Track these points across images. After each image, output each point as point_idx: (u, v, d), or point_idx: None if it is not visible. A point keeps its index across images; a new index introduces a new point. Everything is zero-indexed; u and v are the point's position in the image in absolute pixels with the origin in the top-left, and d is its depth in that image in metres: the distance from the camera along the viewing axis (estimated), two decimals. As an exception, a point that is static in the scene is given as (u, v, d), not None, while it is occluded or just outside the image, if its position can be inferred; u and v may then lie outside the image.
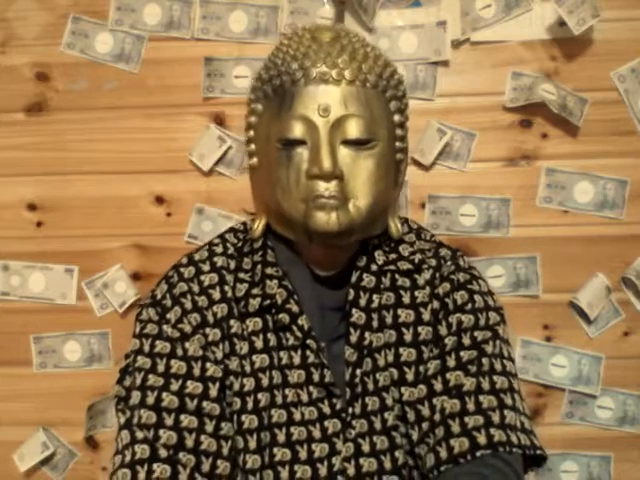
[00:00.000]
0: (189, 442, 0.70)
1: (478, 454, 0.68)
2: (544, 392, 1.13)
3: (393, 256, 0.81)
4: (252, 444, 0.75)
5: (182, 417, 0.71)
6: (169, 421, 0.70)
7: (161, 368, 0.74)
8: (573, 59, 1.08)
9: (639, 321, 1.11)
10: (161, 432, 0.70)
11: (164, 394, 0.72)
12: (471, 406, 0.71)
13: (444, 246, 0.85)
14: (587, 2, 1.01)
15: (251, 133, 0.78)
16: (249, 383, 0.76)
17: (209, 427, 0.72)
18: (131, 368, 0.76)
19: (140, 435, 0.70)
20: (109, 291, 1.13)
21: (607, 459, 1.13)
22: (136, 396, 0.73)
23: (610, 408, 1.12)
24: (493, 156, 1.10)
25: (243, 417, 0.75)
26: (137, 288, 1.13)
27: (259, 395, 0.76)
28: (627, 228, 1.10)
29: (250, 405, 0.75)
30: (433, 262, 0.81)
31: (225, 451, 0.72)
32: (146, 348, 0.75)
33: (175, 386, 0.72)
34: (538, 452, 0.71)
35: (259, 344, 0.77)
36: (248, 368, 0.76)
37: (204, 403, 0.72)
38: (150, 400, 0.72)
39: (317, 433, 0.75)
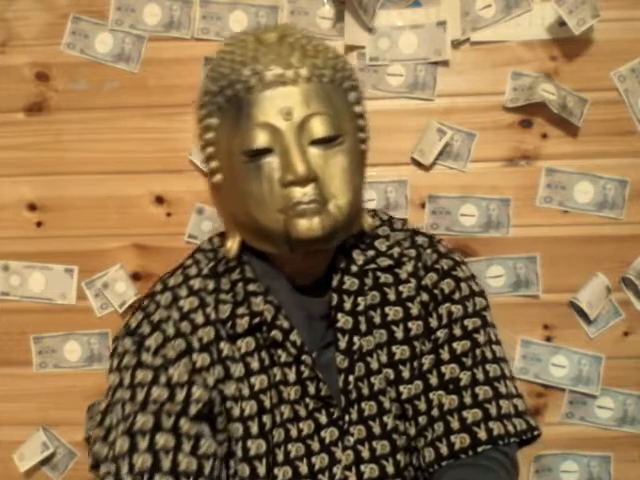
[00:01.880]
0: (166, 463, 0.66)
1: (480, 449, 0.69)
2: (544, 392, 1.13)
3: (371, 253, 0.78)
4: (261, 470, 0.72)
5: (157, 437, 0.67)
6: (143, 444, 0.66)
7: (141, 397, 0.69)
8: (573, 59, 1.08)
9: (639, 321, 1.12)
10: (135, 457, 0.66)
11: (139, 416, 0.68)
12: (468, 399, 0.72)
13: (419, 233, 0.83)
14: (587, 2, 1.01)
15: (210, 150, 0.73)
16: (249, 407, 0.73)
17: (187, 446, 0.68)
18: (109, 407, 0.71)
19: (104, 469, 0.67)
20: (109, 291, 1.13)
21: (607, 459, 1.13)
22: (114, 432, 0.69)
23: (610, 408, 1.12)
24: (493, 156, 1.10)
25: (249, 443, 0.72)
26: (137, 288, 1.13)
27: (264, 418, 0.73)
28: (627, 228, 1.10)
29: (255, 429, 0.72)
30: (412, 252, 0.79)
31: (206, 471, 0.68)
32: (126, 381, 0.71)
33: (153, 407, 0.68)
34: (535, 433, 0.73)
35: (255, 365, 0.74)
36: (247, 391, 0.73)
37: (182, 421, 0.68)
38: (124, 427, 0.68)
39: (316, 445, 0.73)
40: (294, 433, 0.73)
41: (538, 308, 1.12)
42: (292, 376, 0.74)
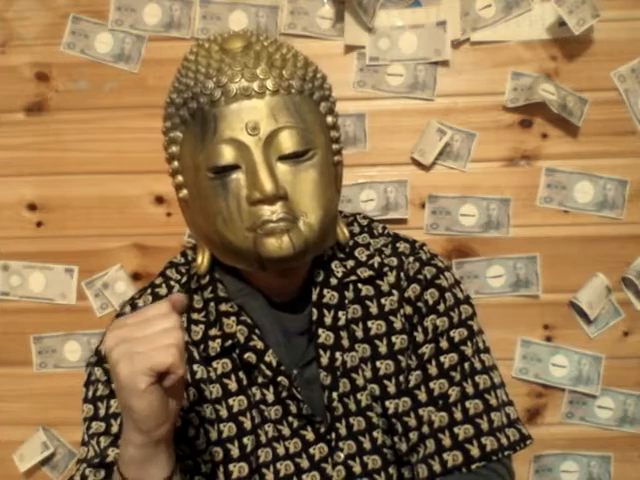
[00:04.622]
0: None
1: (473, 467, 0.68)
2: (544, 392, 1.13)
3: (351, 263, 0.76)
4: None
5: None
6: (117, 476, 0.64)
7: (115, 429, 0.69)
8: (573, 59, 1.08)
9: (639, 321, 1.12)
10: None
11: (109, 450, 0.68)
12: (459, 415, 0.70)
13: (400, 239, 0.80)
14: (587, 2, 1.01)
15: (175, 164, 0.71)
16: (227, 429, 0.72)
17: None
18: (86, 439, 0.71)
19: None
20: (109, 291, 1.13)
21: (607, 459, 1.13)
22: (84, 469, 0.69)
23: (610, 408, 1.12)
24: (493, 156, 1.10)
25: (231, 466, 0.71)
26: (137, 288, 1.13)
27: (244, 440, 0.71)
28: (627, 228, 1.10)
29: (236, 452, 0.71)
30: (394, 261, 0.77)
31: None
32: (101, 412, 0.71)
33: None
34: (528, 442, 0.72)
35: (233, 386, 0.72)
36: (224, 412, 0.72)
37: None
38: (96, 461, 0.68)
39: (305, 463, 0.72)
40: (281, 451, 0.72)
41: (538, 308, 1.12)
42: (270, 397, 0.73)
